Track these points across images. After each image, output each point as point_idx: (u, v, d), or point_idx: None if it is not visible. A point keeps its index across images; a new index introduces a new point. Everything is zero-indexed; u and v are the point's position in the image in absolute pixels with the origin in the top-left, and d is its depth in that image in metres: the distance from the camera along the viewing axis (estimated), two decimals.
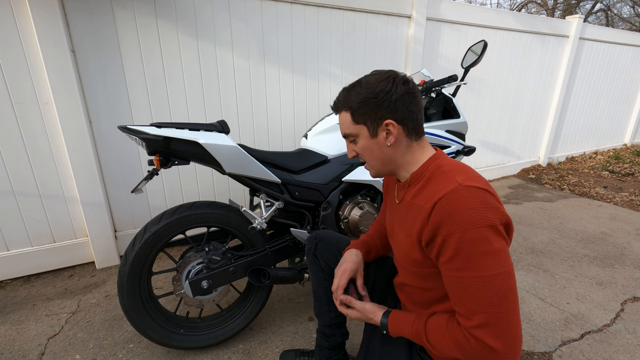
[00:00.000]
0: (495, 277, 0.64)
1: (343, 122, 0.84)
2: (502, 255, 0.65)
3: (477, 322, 0.66)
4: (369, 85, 0.77)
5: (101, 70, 1.84)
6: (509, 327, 0.65)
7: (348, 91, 0.81)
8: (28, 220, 1.89)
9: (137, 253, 1.23)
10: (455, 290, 0.69)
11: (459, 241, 0.65)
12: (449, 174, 0.73)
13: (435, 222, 0.69)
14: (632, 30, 5.84)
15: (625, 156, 4.85)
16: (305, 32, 2.35)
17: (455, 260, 0.67)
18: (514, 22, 3.33)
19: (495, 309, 0.64)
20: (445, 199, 0.68)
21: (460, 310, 0.69)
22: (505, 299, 0.65)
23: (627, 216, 2.89)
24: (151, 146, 1.17)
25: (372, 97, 0.76)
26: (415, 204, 0.78)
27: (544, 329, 1.56)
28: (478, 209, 0.65)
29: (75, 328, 1.55)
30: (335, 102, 0.85)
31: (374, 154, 0.82)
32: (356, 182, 1.52)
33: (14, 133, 1.74)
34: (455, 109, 1.72)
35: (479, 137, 3.63)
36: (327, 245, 1.13)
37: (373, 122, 0.78)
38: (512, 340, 0.65)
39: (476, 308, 0.66)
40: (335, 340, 1.17)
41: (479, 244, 0.64)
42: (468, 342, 0.67)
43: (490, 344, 0.64)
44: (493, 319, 0.65)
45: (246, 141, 2.36)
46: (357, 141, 0.84)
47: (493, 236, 0.65)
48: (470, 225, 0.64)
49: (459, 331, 0.69)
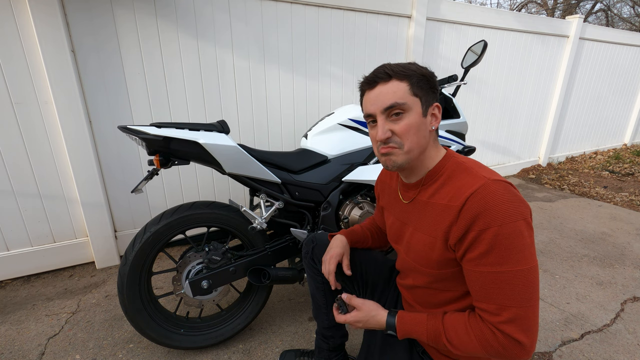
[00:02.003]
0: (528, 271, 0.64)
1: (395, 91, 0.74)
2: (532, 249, 0.66)
3: (506, 318, 0.65)
4: (420, 68, 0.76)
5: (101, 70, 1.84)
6: (534, 320, 0.65)
7: (398, 65, 0.76)
8: (28, 220, 1.89)
9: (137, 253, 1.23)
10: (485, 286, 0.67)
11: (496, 236, 0.64)
12: (472, 169, 0.73)
13: (469, 218, 0.67)
14: (632, 30, 5.83)
15: (625, 156, 4.85)
16: (305, 32, 2.35)
17: (489, 255, 0.65)
18: (514, 22, 3.33)
19: (527, 303, 0.64)
20: (477, 193, 0.67)
21: (488, 307, 0.67)
22: (535, 292, 0.65)
23: (627, 216, 2.89)
24: (151, 146, 1.17)
25: (430, 76, 0.76)
26: (435, 204, 0.76)
27: (544, 329, 1.56)
28: (513, 203, 0.65)
29: (75, 328, 1.55)
30: (382, 71, 0.75)
31: (419, 134, 0.75)
32: (356, 182, 1.52)
33: (14, 133, 1.74)
34: (455, 109, 1.72)
35: (479, 137, 3.63)
36: (324, 249, 1.11)
37: (427, 100, 0.76)
38: (535, 333, 0.65)
39: (508, 303, 0.65)
40: (335, 342, 1.17)
41: (514, 238, 0.64)
42: (496, 338, 0.66)
43: (518, 338, 0.64)
44: (523, 313, 0.64)
45: (246, 141, 2.36)
46: (404, 116, 0.75)
47: (526, 230, 0.65)
48: (508, 219, 0.64)
49: (484, 327, 0.68)
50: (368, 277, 1.09)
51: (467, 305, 0.78)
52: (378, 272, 1.09)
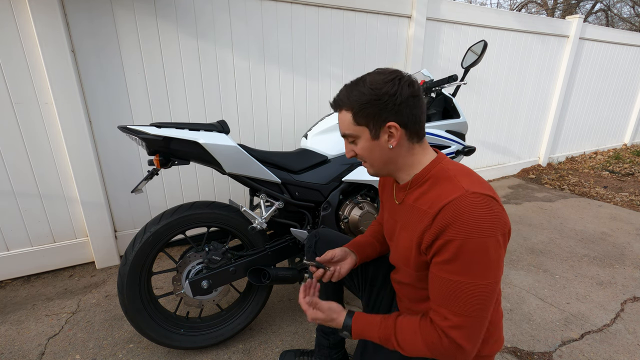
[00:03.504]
0: (486, 286, 0.67)
1: (343, 121, 0.80)
2: (497, 266, 0.68)
3: (455, 323, 0.69)
4: (374, 86, 0.74)
5: (101, 70, 1.84)
6: (480, 331, 0.69)
7: (350, 89, 0.77)
8: (28, 220, 1.89)
9: (137, 253, 1.23)
10: (442, 292, 0.71)
11: (460, 247, 0.66)
12: (454, 178, 0.73)
13: (440, 227, 0.69)
14: (632, 30, 5.83)
15: (625, 156, 4.85)
16: (305, 32, 2.35)
17: (452, 263, 0.68)
18: (514, 22, 3.33)
19: (477, 314, 0.68)
20: (451, 204, 0.68)
21: (440, 311, 0.71)
22: (488, 306, 0.68)
23: (627, 216, 2.89)
24: (151, 146, 1.17)
25: (376, 99, 0.74)
26: (418, 208, 0.77)
27: (544, 329, 1.56)
28: (483, 219, 0.66)
29: (75, 328, 1.55)
30: (335, 100, 0.81)
31: (374, 155, 0.80)
32: (356, 182, 1.52)
33: (14, 133, 1.74)
34: (455, 109, 1.72)
35: (479, 137, 3.63)
36: (326, 244, 1.13)
37: (375, 124, 0.76)
38: (478, 342, 0.70)
39: (459, 311, 0.68)
40: (335, 339, 1.18)
41: (478, 253, 0.66)
42: (441, 341, 0.70)
43: (461, 344, 0.68)
44: (471, 322, 0.68)
45: (246, 141, 2.36)
46: (357, 142, 0.81)
47: (492, 247, 0.66)
48: (474, 234, 0.65)
49: (432, 331, 0.72)
50: (368, 271, 1.10)
51: None
52: (377, 266, 1.10)
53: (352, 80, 0.79)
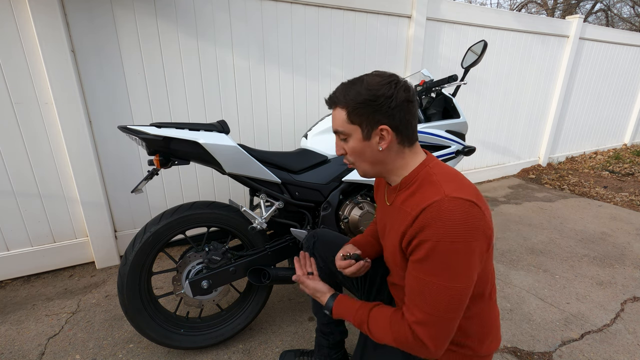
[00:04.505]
0: (454, 289, 0.68)
1: (337, 118, 0.81)
2: (469, 271, 0.69)
3: (420, 319, 0.71)
4: (371, 87, 0.75)
5: (101, 70, 1.84)
6: (446, 332, 0.71)
7: (347, 88, 0.78)
8: (28, 220, 1.89)
9: (137, 253, 1.23)
10: (414, 289, 0.73)
11: (432, 249, 0.68)
12: (437, 183, 0.74)
13: (417, 228, 0.71)
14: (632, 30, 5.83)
15: (625, 156, 4.85)
16: (305, 32, 2.35)
17: (423, 263, 0.71)
18: (514, 22, 3.33)
19: (443, 315, 0.70)
20: (430, 208, 0.70)
21: (409, 305, 0.74)
22: (455, 308, 0.70)
23: (627, 216, 2.89)
24: (151, 146, 1.17)
25: (372, 99, 0.75)
26: (403, 210, 0.79)
27: (544, 329, 1.56)
28: (457, 224, 0.67)
29: (75, 328, 1.55)
30: (331, 96, 0.82)
31: (364, 156, 0.82)
32: (356, 182, 1.52)
33: (14, 133, 1.74)
34: (455, 109, 1.72)
35: (479, 137, 3.63)
36: (325, 244, 1.13)
37: (368, 125, 0.77)
38: (443, 345, 0.72)
39: (426, 309, 0.71)
40: (334, 339, 1.18)
41: (449, 256, 0.68)
42: (406, 334, 0.73)
43: (425, 342, 0.71)
44: (437, 322, 0.70)
45: (246, 141, 2.36)
46: (348, 140, 0.82)
47: (462, 252, 0.67)
48: (445, 238, 0.67)
49: (401, 325, 0.75)
50: (366, 272, 1.10)
51: None
52: (375, 267, 1.10)
53: (349, 79, 0.80)
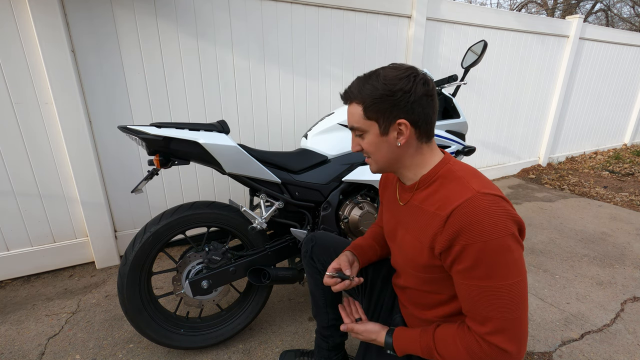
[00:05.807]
0: (514, 285, 0.65)
1: (353, 114, 0.78)
2: (520, 263, 0.66)
3: (492, 329, 0.66)
4: (387, 81, 0.72)
5: (101, 70, 1.84)
6: (521, 329, 0.66)
7: (363, 82, 0.75)
8: (28, 220, 1.89)
9: (137, 253, 1.23)
10: (472, 298, 0.68)
11: (481, 251, 0.64)
12: (463, 179, 0.71)
13: (453, 231, 0.67)
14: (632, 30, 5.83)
15: (625, 156, 4.85)
16: (305, 32, 2.35)
17: (475, 269, 0.66)
18: (514, 22, 3.33)
19: (512, 315, 0.65)
20: (463, 207, 0.66)
21: (474, 318, 0.69)
22: (522, 304, 0.66)
23: (627, 216, 2.89)
24: (151, 146, 1.17)
25: (389, 94, 0.72)
26: (425, 210, 0.76)
27: (544, 329, 1.56)
28: (499, 218, 0.64)
29: (75, 328, 1.55)
30: (347, 92, 0.79)
31: (382, 152, 0.79)
32: (356, 182, 1.52)
33: (14, 133, 1.74)
34: (455, 109, 1.72)
35: (479, 137, 3.63)
36: (323, 248, 1.11)
37: (386, 120, 0.74)
38: (523, 341, 0.66)
39: (493, 315, 0.66)
40: (334, 341, 1.17)
41: (500, 254, 0.64)
42: (481, 347, 0.68)
43: (505, 347, 0.66)
44: (509, 324, 0.65)
45: (246, 141, 2.36)
46: (364, 136, 0.79)
47: (513, 245, 0.65)
48: (493, 235, 0.64)
49: (470, 337, 0.70)
50: (367, 275, 1.09)
51: (457, 308, 0.79)
52: (377, 270, 1.09)
53: (365, 73, 0.77)
